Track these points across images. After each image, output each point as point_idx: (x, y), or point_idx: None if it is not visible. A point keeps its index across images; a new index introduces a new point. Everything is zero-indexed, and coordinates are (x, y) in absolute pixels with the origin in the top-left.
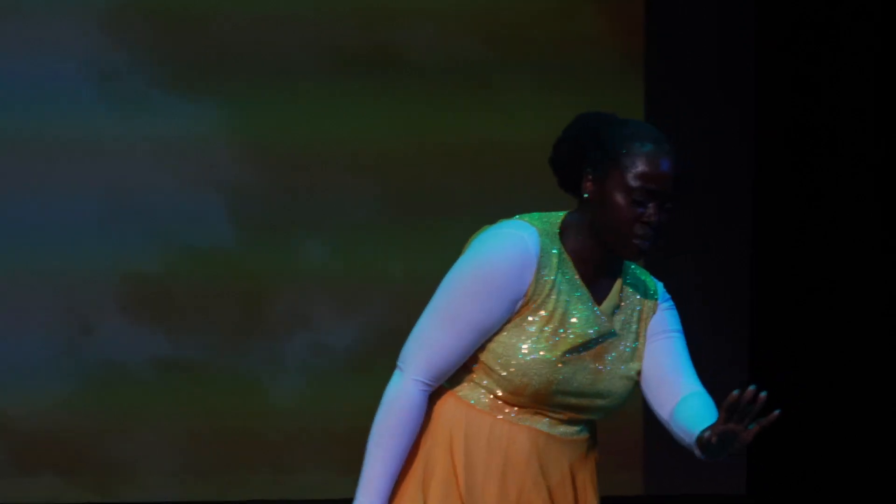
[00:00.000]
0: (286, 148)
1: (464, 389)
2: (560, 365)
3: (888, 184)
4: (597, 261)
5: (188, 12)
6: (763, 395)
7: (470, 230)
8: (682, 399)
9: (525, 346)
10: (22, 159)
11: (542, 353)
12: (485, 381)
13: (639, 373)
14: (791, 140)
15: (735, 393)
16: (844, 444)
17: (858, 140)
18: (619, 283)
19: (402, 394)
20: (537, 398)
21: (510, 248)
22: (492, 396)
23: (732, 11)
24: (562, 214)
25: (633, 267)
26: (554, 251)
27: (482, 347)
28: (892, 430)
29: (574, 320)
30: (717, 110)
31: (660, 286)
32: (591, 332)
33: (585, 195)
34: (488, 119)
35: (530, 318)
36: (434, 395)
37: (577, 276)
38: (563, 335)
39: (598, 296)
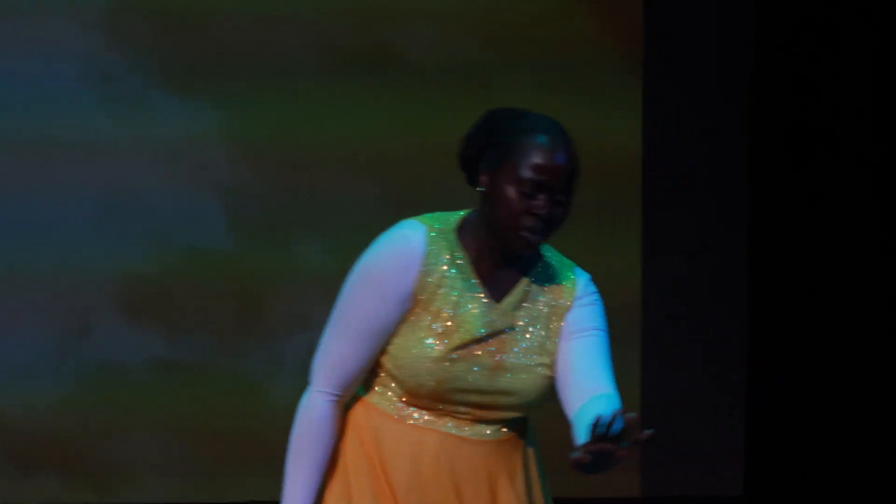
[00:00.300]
0: (285, 148)
1: (374, 396)
2: (448, 363)
3: (888, 184)
4: (495, 257)
5: (187, 12)
6: (631, 416)
7: None
8: (583, 404)
9: (414, 346)
10: (21, 159)
11: (429, 351)
12: (392, 385)
13: (550, 368)
14: (790, 140)
15: (598, 417)
16: (842, 444)
17: (858, 140)
18: (524, 278)
19: (309, 407)
20: (435, 397)
21: (391, 248)
22: (399, 401)
23: (732, 11)
24: (464, 213)
25: (552, 261)
26: (444, 250)
27: (383, 351)
28: (891, 430)
29: (465, 317)
30: (716, 110)
31: (582, 281)
32: (483, 328)
33: (481, 189)
34: None
35: (419, 318)
36: (350, 403)
37: (472, 273)
38: (453, 332)
39: (498, 292)
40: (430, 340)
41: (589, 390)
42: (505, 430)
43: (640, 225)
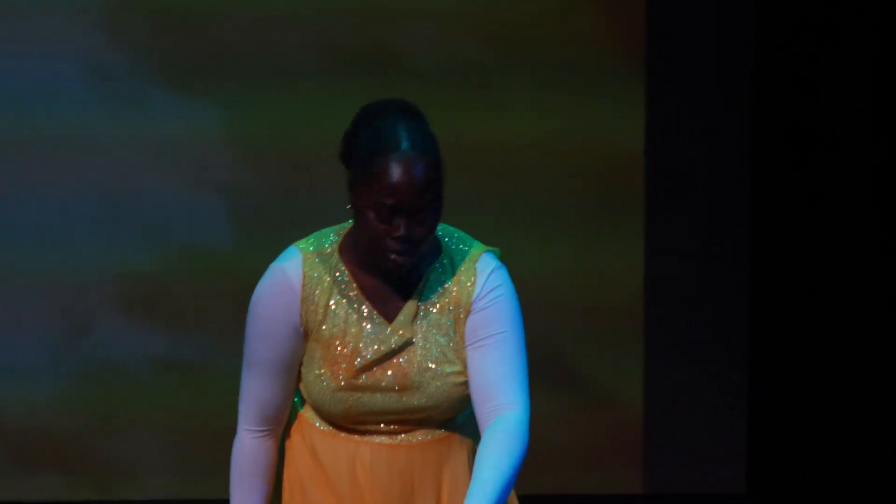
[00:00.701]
0: (285, 148)
1: (309, 411)
2: (348, 392)
3: (888, 184)
4: (379, 272)
5: (188, 12)
6: None
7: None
8: (486, 430)
9: (312, 377)
10: (21, 158)
11: (324, 384)
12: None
13: (462, 374)
14: (791, 140)
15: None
16: (844, 441)
17: (858, 140)
18: (417, 288)
19: (236, 447)
20: (350, 421)
21: (270, 286)
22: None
23: (732, 11)
24: (348, 226)
25: (451, 258)
26: (325, 274)
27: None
28: (893, 429)
29: (356, 341)
30: (718, 110)
31: (481, 278)
32: (373, 350)
33: (349, 206)
34: (488, 119)
35: (312, 349)
36: (291, 419)
37: (358, 293)
38: (347, 359)
39: (389, 307)
40: (322, 371)
41: (489, 413)
42: (441, 430)
43: (642, 224)
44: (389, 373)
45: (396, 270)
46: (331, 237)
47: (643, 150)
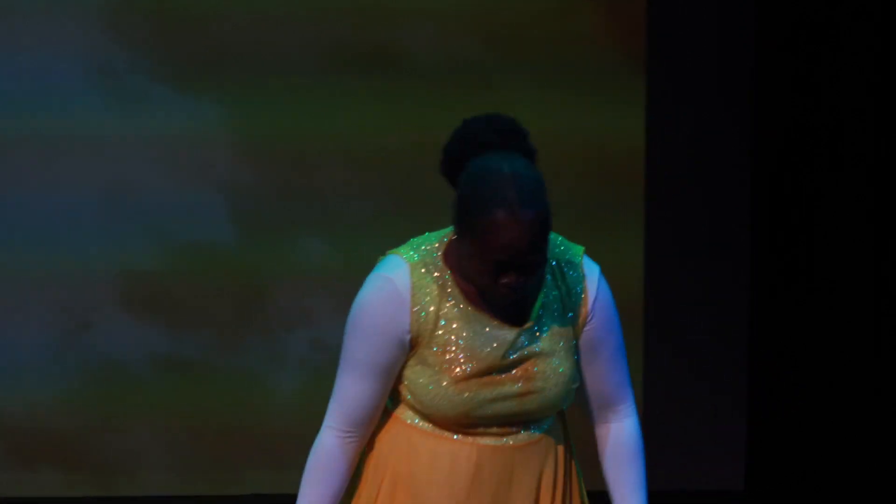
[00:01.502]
0: (286, 146)
1: (405, 411)
2: (468, 394)
3: (888, 184)
4: None
5: (188, 11)
6: None
7: None
8: (610, 436)
9: (428, 382)
10: (24, 156)
11: (440, 387)
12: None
13: (575, 379)
14: (791, 140)
15: None
16: (843, 440)
17: (858, 140)
18: (536, 291)
19: (317, 444)
20: (462, 423)
21: (376, 294)
22: (427, 422)
23: (732, 11)
24: (447, 232)
25: (553, 263)
26: (433, 283)
27: (400, 384)
28: (892, 428)
29: (467, 346)
30: (717, 110)
31: (591, 285)
32: (489, 353)
33: (454, 230)
34: None
35: (425, 355)
36: (382, 420)
37: (464, 299)
38: (460, 365)
39: (501, 313)
40: (438, 376)
41: (608, 414)
42: (538, 431)
43: (642, 225)
44: (515, 374)
45: (505, 303)
46: (434, 244)
47: (644, 150)
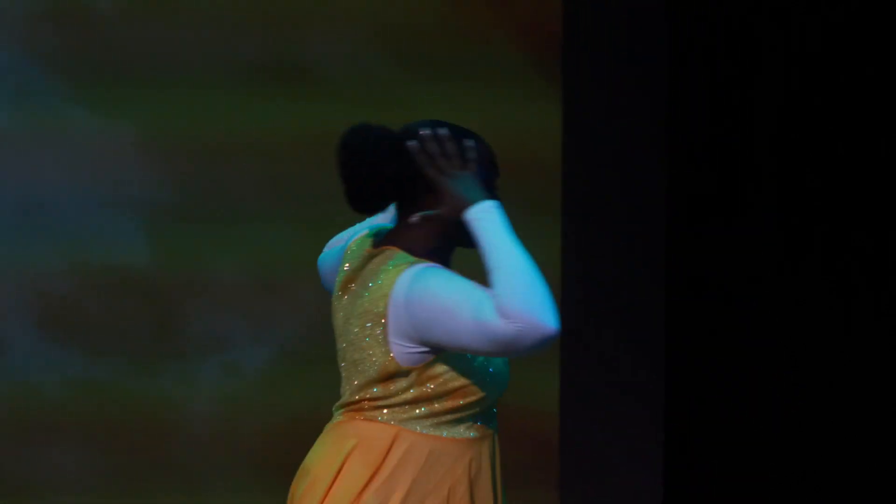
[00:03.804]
0: (203, 165)
1: (435, 428)
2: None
3: (801, 188)
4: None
5: (100, 22)
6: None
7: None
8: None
9: (483, 359)
10: None
11: (497, 363)
12: (465, 410)
13: None
14: (706, 145)
15: None
16: (764, 457)
17: (773, 145)
18: None
19: (491, 305)
20: (491, 406)
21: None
22: (468, 424)
23: (644, 18)
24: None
25: None
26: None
27: (433, 376)
28: (811, 436)
29: None
30: (632, 116)
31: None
32: None
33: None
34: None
35: None
36: (410, 453)
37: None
38: None
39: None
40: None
41: None
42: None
43: (559, 234)
44: None
45: None
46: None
47: (560, 157)
